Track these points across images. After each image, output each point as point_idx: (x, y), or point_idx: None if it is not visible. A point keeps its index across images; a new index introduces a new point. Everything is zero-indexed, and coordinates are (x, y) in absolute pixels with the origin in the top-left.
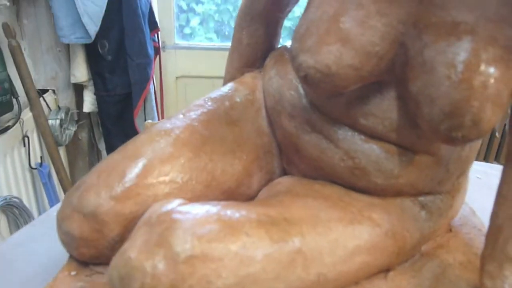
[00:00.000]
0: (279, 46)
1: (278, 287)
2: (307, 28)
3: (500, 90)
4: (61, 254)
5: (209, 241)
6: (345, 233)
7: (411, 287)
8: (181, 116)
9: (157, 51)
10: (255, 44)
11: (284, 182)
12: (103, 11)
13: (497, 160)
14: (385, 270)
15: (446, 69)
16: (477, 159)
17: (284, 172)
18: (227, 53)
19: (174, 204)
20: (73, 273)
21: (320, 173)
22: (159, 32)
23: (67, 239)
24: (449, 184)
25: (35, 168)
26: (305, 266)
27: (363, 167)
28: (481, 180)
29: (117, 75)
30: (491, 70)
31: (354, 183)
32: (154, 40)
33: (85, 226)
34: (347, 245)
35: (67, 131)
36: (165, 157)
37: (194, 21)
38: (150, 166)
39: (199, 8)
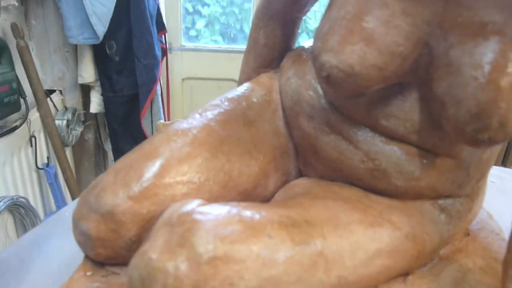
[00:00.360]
0: (296, 46)
1: None
2: (329, 27)
3: None
4: (75, 254)
5: (231, 242)
6: (365, 236)
7: None
8: (197, 116)
9: (164, 52)
10: (272, 44)
11: (302, 184)
12: (111, 12)
13: None
14: (404, 274)
15: (472, 70)
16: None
17: (300, 174)
18: (232, 55)
19: (193, 204)
20: (88, 273)
21: (339, 175)
22: (166, 34)
23: (83, 239)
24: (469, 187)
25: (42, 168)
26: (326, 268)
27: (383, 169)
28: (495, 184)
29: (124, 76)
30: None
31: (374, 185)
32: (161, 41)
33: (102, 226)
34: (368, 248)
35: (73, 132)
36: (182, 156)
37: (200, 23)
38: (168, 165)
39: (205, 11)
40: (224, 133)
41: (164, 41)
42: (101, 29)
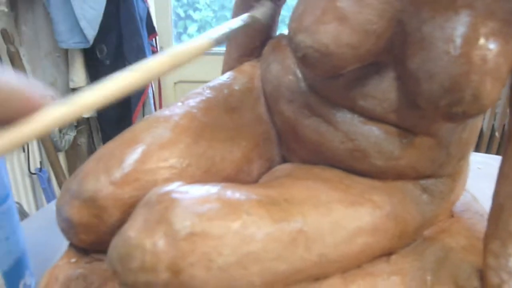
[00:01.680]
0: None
1: (280, 267)
2: (304, 8)
3: (499, 64)
4: (61, 245)
5: (209, 219)
6: (346, 215)
7: (414, 270)
8: (179, 104)
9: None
10: (253, 33)
11: (284, 168)
12: (101, 16)
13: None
14: (388, 253)
15: (444, 44)
16: None
17: (284, 160)
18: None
19: (173, 186)
20: (72, 260)
21: (320, 158)
22: (157, 37)
23: (66, 226)
24: (451, 167)
25: (35, 173)
26: (306, 246)
27: (363, 149)
28: (482, 171)
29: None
30: (490, 44)
31: (355, 165)
32: (152, 45)
33: (84, 212)
34: (348, 226)
35: (66, 137)
36: (164, 142)
37: (192, 28)
38: (149, 151)
39: (196, 15)
40: (206, 119)
41: (155, 45)
42: (91, 33)
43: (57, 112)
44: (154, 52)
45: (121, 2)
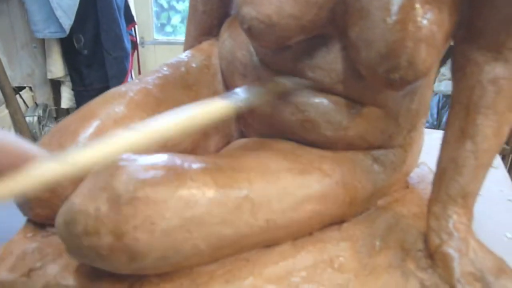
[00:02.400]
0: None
1: (225, 232)
2: None
3: (433, 32)
4: (20, 222)
5: (152, 185)
6: (294, 182)
7: (364, 236)
8: (137, 81)
9: (134, 45)
10: (210, 11)
11: (239, 142)
12: (77, 5)
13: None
14: (340, 221)
15: (381, 13)
16: None
17: (243, 136)
18: None
19: (124, 156)
20: (29, 235)
21: (274, 130)
22: (136, 27)
23: (21, 200)
24: (401, 138)
25: None
26: (252, 211)
27: (312, 119)
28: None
29: (94, 69)
30: (424, 12)
31: (306, 136)
32: (131, 34)
33: None
34: (296, 193)
35: (46, 128)
36: (118, 117)
37: (176, 19)
38: (103, 126)
39: (179, 6)
40: (161, 95)
41: (134, 34)
42: (67, 22)
43: (48, 168)
44: (133, 41)
45: None
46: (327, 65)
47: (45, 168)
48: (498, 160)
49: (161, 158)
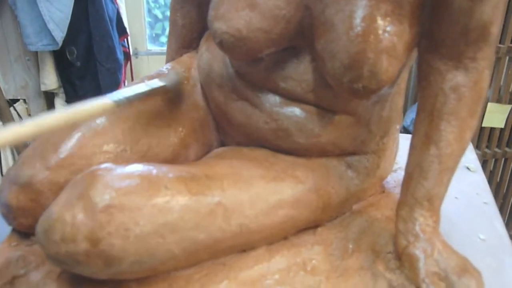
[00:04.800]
0: None
1: (199, 237)
2: None
3: (394, 43)
4: (5, 232)
5: (127, 193)
6: (267, 189)
7: (338, 241)
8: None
9: (127, 56)
10: (189, 25)
11: (217, 151)
12: (69, 17)
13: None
14: (315, 226)
15: (344, 25)
16: None
17: (222, 145)
18: None
19: (102, 166)
20: (13, 244)
21: (250, 139)
22: (129, 38)
23: (6, 210)
24: (373, 144)
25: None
26: (225, 217)
27: (285, 128)
28: None
29: (87, 81)
30: (385, 25)
31: (279, 144)
32: (123, 45)
33: (22, 196)
34: (269, 199)
35: (32, 143)
36: (99, 129)
37: None
38: (84, 138)
39: None
40: (142, 107)
41: (127, 45)
42: (59, 34)
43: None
44: (125, 52)
45: (89, 4)
46: (298, 75)
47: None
48: (476, 164)
49: (137, 167)
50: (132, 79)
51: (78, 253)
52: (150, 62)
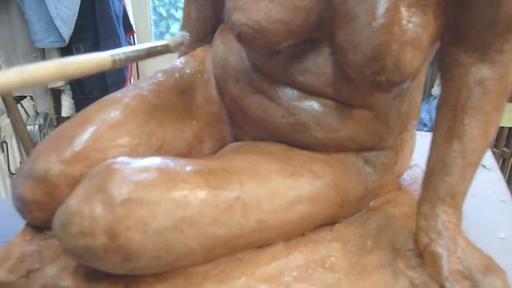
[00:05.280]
0: None
1: (217, 232)
2: None
3: (418, 34)
4: (19, 226)
5: (145, 186)
6: (285, 184)
7: (356, 237)
8: (132, 87)
9: None
10: (203, 19)
11: (232, 145)
12: (76, 14)
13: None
14: (332, 222)
15: (367, 16)
16: None
17: (236, 140)
18: None
19: (118, 159)
20: (28, 238)
21: (266, 133)
22: (135, 35)
23: (20, 204)
24: (391, 140)
25: (15, 174)
26: (244, 212)
27: (303, 122)
28: None
29: (93, 78)
30: (409, 15)
31: (297, 139)
32: (129, 43)
33: (37, 190)
34: (287, 194)
35: (46, 136)
36: (113, 123)
37: (174, 27)
38: (99, 131)
39: (179, 14)
40: (156, 101)
41: (133, 43)
42: (66, 31)
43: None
44: None
45: (96, 1)
46: (317, 69)
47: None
48: (492, 162)
49: (154, 161)
50: (138, 76)
51: (96, 247)
52: (155, 59)
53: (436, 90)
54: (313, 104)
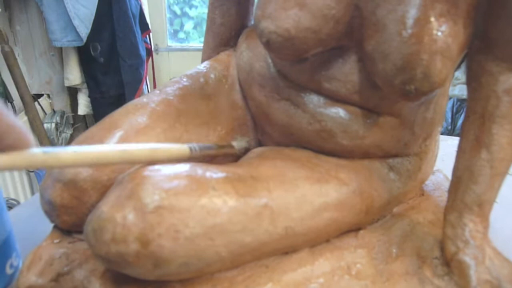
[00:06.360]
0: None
1: (246, 239)
2: None
3: (448, 44)
4: (47, 230)
5: (176, 194)
6: (312, 190)
7: (380, 244)
8: (157, 91)
9: (149, 52)
10: (228, 23)
11: (257, 150)
12: (94, 14)
13: None
14: (356, 229)
15: (397, 26)
16: None
17: (260, 145)
18: None
19: (148, 166)
20: (56, 241)
21: (291, 139)
22: (150, 34)
23: (49, 208)
24: (416, 146)
25: (32, 171)
26: (272, 219)
27: (329, 129)
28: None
29: (110, 76)
30: (439, 25)
31: (322, 145)
32: (145, 42)
33: (65, 194)
34: (314, 201)
35: (63, 134)
36: (140, 128)
37: (188, 25)
38: (126, 136)
39: (192, 12)
40: (182, 106)
41: (148, 41)
42: (84, 31)
43: (37, 156)
44: (147, 48)
45: (113, 1)
46: (343, 76)
47: (35, 155)
48: None
49: (184, 168)
50: (154, 75)
51: (129, 254)
52: (171, 58)
53: (450, 90)
54: (339, 111)
